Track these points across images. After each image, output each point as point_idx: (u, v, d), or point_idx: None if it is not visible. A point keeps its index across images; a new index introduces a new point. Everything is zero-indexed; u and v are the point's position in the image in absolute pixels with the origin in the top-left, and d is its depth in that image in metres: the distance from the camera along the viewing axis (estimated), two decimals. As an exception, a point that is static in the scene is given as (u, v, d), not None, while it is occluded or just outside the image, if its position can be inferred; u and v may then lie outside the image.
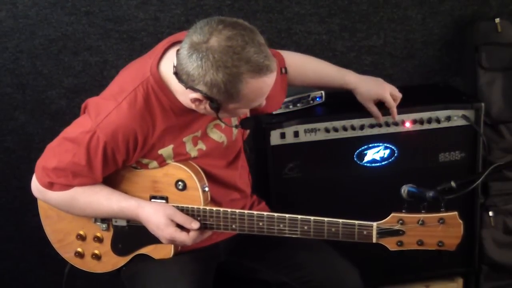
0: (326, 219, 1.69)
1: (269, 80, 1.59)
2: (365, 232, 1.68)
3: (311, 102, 2.33)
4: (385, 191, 1.92)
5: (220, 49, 1.51)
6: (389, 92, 2.15)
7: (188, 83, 1.59)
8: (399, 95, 2.17)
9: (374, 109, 2.19)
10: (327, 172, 2.31)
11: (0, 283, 2.82)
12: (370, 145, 2.30)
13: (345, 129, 2.26)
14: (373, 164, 2.32)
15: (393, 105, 2.17)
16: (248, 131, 1.95)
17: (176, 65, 1.61)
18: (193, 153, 1.80)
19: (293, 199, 2.29)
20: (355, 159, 2.31)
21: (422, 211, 1.63)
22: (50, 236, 1.94)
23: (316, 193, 2.30)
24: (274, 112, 2.27)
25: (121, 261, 1.88)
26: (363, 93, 2.16)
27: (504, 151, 2.57)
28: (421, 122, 2.30)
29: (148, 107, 1.68)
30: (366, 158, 2.31)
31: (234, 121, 1.85)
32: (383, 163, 2.33)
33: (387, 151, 2.32)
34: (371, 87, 2.15)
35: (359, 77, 2.17)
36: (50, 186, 1.76)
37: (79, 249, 1.91)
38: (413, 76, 2.75)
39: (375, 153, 2.32)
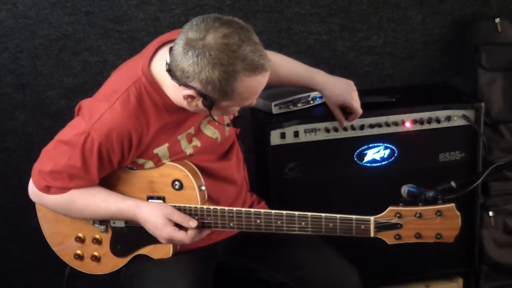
0: (323, 214, 1.69)
1: (263, 79, 1.59)
2: (362, 227, 1.68)
3: (311, 102, 2.33)
4: (385, 191, 1.91)
5: (217, 47, 1.51)
6: (355, 101, 2.10)
7: (182, 80, 1.58)
8: (359, 111, 2.12)
9: (338, 113, 2.15)
10: (327, 172, 2.30)
11: (0, 283, 2.82)
12: (370, 145, 2.30)
13: (345, 129, 2.25)
14: (373, 164, 2.32)
15: (358, 112, 2.12)
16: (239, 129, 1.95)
17: (170, 62, 1.60)
18: (189, 150, 1.80)
19: (293, 199, 2.28)
20: (355, 159, 2.31)
21: (419, 204, 1.63)
22: (49, 239, 1.93)
23: (316, 193, 2.30)
24: (274, 112, 2.27)
25: (121, 262, 1.88)
26: (329, 96, 2.11)
27: (504, 151, 2.57)
28: (421, 122, 2.29)
29: (141, 106, 1.68)
30: (366, 158, 2.31)
31: (225, 119, 1.85)
32: (383, 163, 2.32)
33: (387, 151, 2.32)
34: (339, 93, 2.09)
35: (328, 79, 2.10)
36: (47, 189, 1.76)
37: (79, 251, 1.90)
38: (413, 76, 2.75)
39: (375, 153, 2.31)
